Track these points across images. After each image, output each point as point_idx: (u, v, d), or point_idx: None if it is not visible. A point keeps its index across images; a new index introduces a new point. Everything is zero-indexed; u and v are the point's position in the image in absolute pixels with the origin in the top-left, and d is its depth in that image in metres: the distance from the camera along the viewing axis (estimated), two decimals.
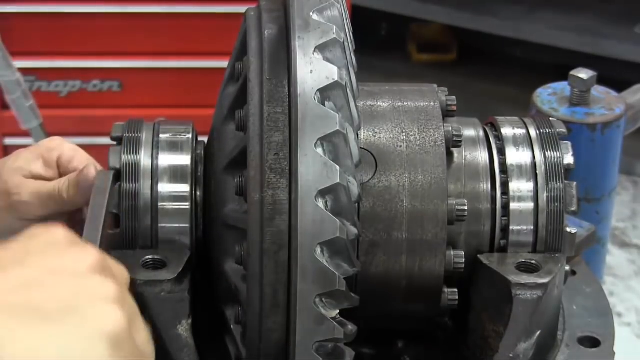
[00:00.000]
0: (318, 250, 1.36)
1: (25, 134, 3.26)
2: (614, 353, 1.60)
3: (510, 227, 1.56)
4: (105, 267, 1.09)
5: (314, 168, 1.36)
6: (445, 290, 1.56)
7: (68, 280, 1.04)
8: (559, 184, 1.56)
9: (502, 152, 1.59)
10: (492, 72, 5.52)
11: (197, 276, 1.57)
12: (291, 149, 1.39)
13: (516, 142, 1.60)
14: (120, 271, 1.14)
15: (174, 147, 1.58)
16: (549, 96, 2.59)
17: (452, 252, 1.54)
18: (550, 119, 1.66)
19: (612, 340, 1.61)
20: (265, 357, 1.45)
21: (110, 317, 1.03)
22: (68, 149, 1.63)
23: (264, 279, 1.41)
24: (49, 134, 3.26)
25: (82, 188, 1.56)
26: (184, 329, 1.48)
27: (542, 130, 1.61)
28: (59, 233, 1.11)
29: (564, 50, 5.04)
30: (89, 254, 1.09)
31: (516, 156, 1.58)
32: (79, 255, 1.08)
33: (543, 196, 1.56)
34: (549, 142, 1.59)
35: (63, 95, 3.74)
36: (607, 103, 2.57)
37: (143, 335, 1.08)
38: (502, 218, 1.57)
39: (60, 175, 1.62)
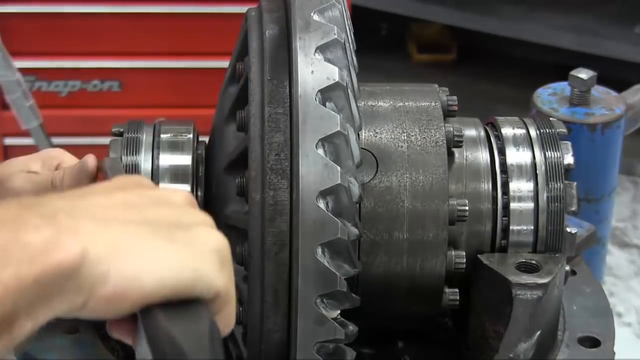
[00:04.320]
0: (319, 250, 1.36)
1: (25, 134, 3.26)
2: (614, 353, 1.60)
3: (511, 227, 1.56)
4: (194, 202, 1.12)
5: (315, 169, 1.36)
6: (446, 290, 1.56)
7: (167, 207, 1.06)
8: (559, 184, 1.56)
9: (502, 152, 1.59)
10: (492, 72, 5.52)
11: None
12: (292, 150, 1.40)
13: (516, 142, 1.60)
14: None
15: (175, 147, 1.58)
16: (549, 96, 2.59)
17: (453, 252, 1.54)
18: (550, 119, 1.66)
19: (612, 340, 1.61)
20: (266, 358, 1.45)
21: (217, 237, 1.05)
22: (68, 159, 1.62)
23: (264, 280, 1.41)
24: (49, 134, 3.26)
25: (80, 176, 1.54)
26: None
27: (542, 130, 1.61)
28: (144, 178, 1.13)
29: (564, 50, 5.04)
30: (179, 191, 1.12)
31: (516, 156, 1.59)
32: (171, 190, 1.11)
33: (543, 196, 1.56)
34: (549, 142, 1.59)
35: (63, 95, 3.74)
36: (607, 103, 2.57)
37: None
38: (503, 218, 1.57)
39: None
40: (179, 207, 1.08)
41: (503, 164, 1.59)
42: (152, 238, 1.00)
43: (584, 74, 2.54)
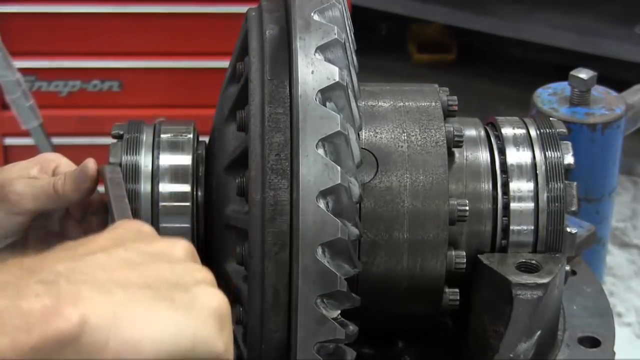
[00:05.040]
0: (319, 250, 1.36)
1: (25, 134, 3.26)
2: (614, 353, 1.60)
3: (511, 227, 1.56)
4: (195, 255, 1.11)
5: (315, 169, 1.36)
6: (446, 290, 1.56)
7: (167, 263, 1.06)
8: (559, 184, 1.56)
9: (502, 152, 1.59)
10: (492, 72, 5.52)
11: None
12: (292, 150, 1.40)
13: (516, 142, 1.60)
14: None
15: (175, 147, 1.58)
16: (549, 96, 2.59)
17: (453, 252, 1.54)
18: (551, 119, 1.66)
19: (612, 340, 1.61)
20: (267, 358, 1.45)
21: (216, 297, 1.04)
22: (65, 163, 1.63)
23: (265, 280, 1.41)
24: (49, 134, 3.26)
25: (80, 180, 1.55)
26: None
27: (542, 130, 1.61)
28: (144, 225, 1.12)
29: (564, 50, 5.04)
30: (180, 242, 1.10)
31: (516, 156, 1.59)
32: (171, 242, 1.10)
33: (543, 196, 1.56)
34: (549, 142, 1.60)
35: (63, 95, 3.74)
36: (607, 103, 2.57)
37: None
38: (503, 218, 1.57)
39: None
40: (180, 262, 1.07)
41: (503, 164, 1.59)
42: (152, 302, 1.00)
43: (584, 74, 2.54)
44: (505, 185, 1.57)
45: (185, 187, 1.56)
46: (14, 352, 0.93)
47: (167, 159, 1.57)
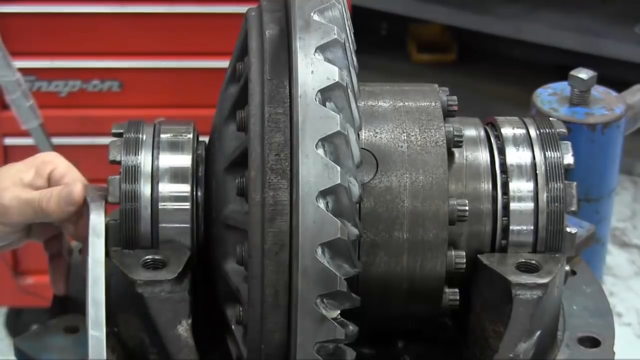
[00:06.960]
0: (319, 250, 1.36)
1: (25, 134, 3.25)
2: (614, 353, 1.60)
3: (511, 227, 1.56)
4: None
5: (315, 169, 1.36)
6: (446, 290, 1.56)
7: None
8: (559, 184, 1.56)
9: (502, 152, 1.59)
10: (492, 72, 5.52)
11: (198, 276, 1.58)
12: (292, 150, 1.40)
13: (516, 142, 1.60)
14: None
15: (175, 147, 1.58)
16: (549, 96, 2.58)
17: (453, 253, 1.54)
18: (550, 119, 1.66)
19: (612, 340, 1.61)
20: (267, 358, 1.45)
21: None
22: (62, 165, 1.62)
23: (264, 280, 1.41)
24: (49, 134, 3.26)
25: (66, 204, 1.55)
26: (184, 329, 1.48)
27: (542, 130, 1.61)
28: None
29: (564, 50, 5.04)
30: None
31: (516, 156, 1.59)
32: None
33: (543, 196, 1.56)
34: (549, 142, 1.60)
35: (63, 95, 3.73)
36: (607, 103, 2.57)
37: None
38: (503, 218, 1.57)
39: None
40: None
41: (503, 164, 1.59)
42: None
43: (584, 74, 2.54)
44: (505, 185, 1.57)
45: (185, 187, 1.56)
46: None
47: (167, 159, 1.57)
